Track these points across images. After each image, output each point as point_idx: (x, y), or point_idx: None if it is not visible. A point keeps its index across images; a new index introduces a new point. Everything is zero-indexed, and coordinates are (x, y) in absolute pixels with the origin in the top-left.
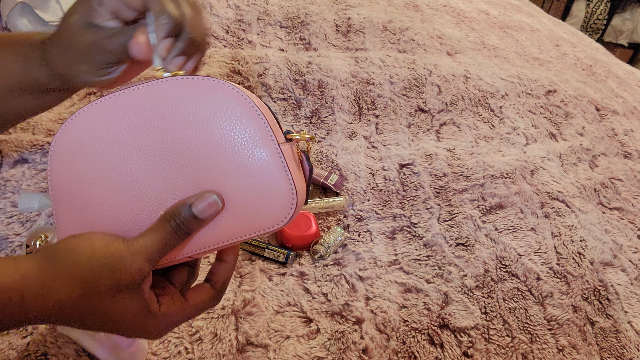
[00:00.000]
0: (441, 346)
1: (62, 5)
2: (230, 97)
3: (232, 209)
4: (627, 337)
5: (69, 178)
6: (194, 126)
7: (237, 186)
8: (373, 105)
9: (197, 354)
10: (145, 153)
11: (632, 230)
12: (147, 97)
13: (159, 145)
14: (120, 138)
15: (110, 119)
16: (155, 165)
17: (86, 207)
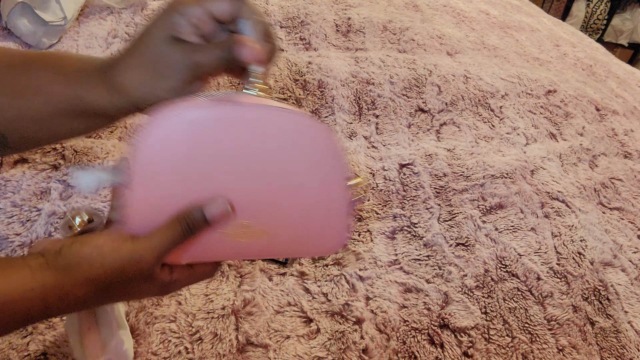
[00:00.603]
0: (441, 346)
1: (62, 5)
2: (325, 138)
3: (288, 232)
4: (627, 337)
5: (160, 166)
6: (285, 158)
7: (303, 214)
8: (373, 105)
9: (197, 354)
10: (237, 168)
11: (632, 230)
12: (253, 117)
13: (250, 164)
14: (219, 147)
15: (217, 127)
16: (242, 181)
17: (167, 199)
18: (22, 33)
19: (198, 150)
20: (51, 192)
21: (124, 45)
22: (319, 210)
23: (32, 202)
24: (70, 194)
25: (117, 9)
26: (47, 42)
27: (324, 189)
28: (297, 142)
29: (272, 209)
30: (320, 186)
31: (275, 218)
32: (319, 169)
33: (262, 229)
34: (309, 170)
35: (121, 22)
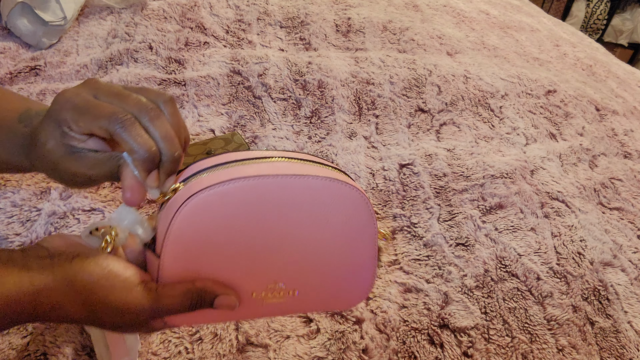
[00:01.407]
0: (441, 346)
1: (62, 5)
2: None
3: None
4: (627, 337)
5: (191, 236)
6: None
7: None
8: (373, 105)
9: (198, 354)
10: (268, 236)
11: (631, 230)
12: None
13: (283, 232)
14: (252, 221)
15: (249, 202)
16: (273, 249)
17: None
18: (22, 33)
19: (230, 224)
20: (51, 192)
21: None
22: (348, 269)
23: (32, 202)
24: (70, 194)
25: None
26: (47, 42)
27: (354, 250)
28: (331, 208)
29: (303, 270)
30: (351, 248)
31: (306, 278)
32: (350, 232)
33: (293, 288)
34: (340, 234)
35: (121, 22)
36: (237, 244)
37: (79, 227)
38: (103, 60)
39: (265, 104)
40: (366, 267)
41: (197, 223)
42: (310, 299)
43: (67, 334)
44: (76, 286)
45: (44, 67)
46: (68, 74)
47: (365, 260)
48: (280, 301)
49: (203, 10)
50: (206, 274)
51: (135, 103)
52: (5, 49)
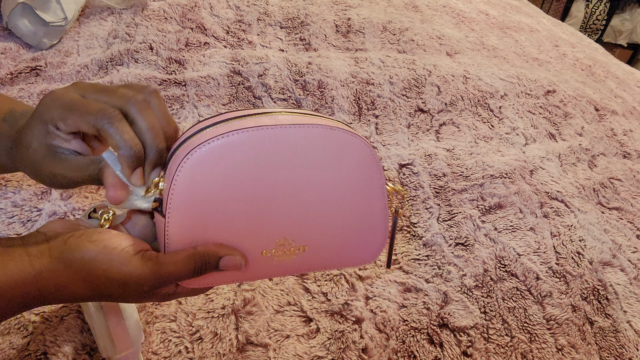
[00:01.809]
0: (440, 345)
1: (63, 5)
2: (363, 151)
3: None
4: (626, 336)
5: (195, 191)
6: (324, 174)
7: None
8: (373, 106)
9: (198, 353)
10: (273, 189)
11: (631, 230)
12: (284, 139)
13: (288, 184)
14: (255, 171)
15: (250, 153)
16: (280, 202)
17: (203, 225)
18: (22, 33)
19: (233, 177)
20: (52, 192)
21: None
22: (358, 221)
23: (33, 202)
24: (71, 194)
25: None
26: (48, 43)
27: (363, 201)
28: (334, 157)
29: (312, 224)
30: (359, 198)
31: (315, 233)
32: (357, 181)
33: (303, 244)
34: (347, 183)
35: (121, 22)
36: (241, 198)
37: None
38: (104, 60)
39: (266, 104)
40: (377, 219)
41: (199, 177)
42: (321, 255)
43: (67, 333)
44: (74, 265)
45: (45, 68)
46: (69, 74)
47: (376, 211)
48: (291, 258)
49: (203, 11)
50: (213, 231)
51: (122, 96)
52: (6, 49)
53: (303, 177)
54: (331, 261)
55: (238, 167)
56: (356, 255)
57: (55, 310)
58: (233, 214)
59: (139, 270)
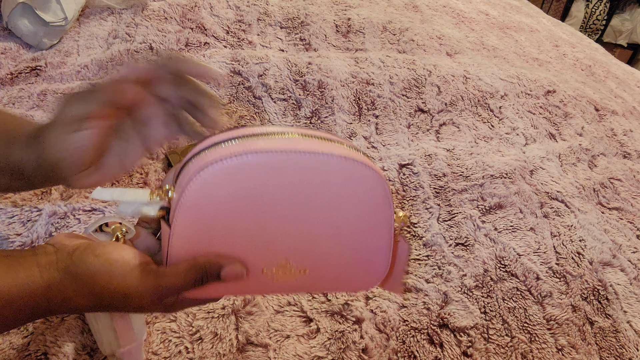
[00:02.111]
0: (441, 346)
1: (63, 5)
2: (375, 184)
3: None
4: (626, 336)
5: (203, 206)
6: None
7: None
8: (373, 106)
9: (198, 354)
10: (280, 212)
11: (631, 230)
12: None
13: (295, 209)
14: (262, 192)
15: (263, 176)
16: (285, 225)
17: (208, 239)
18: (22, 33)
19: (243, 197)
20: (52, 192)
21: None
22: (362, 251)
23: (33, 202)
24: (71, 194)
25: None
26: (48, 43)
27: (368, 232)
28: (346, 188)
29: (315, 250)
30: (365, 230)
31: (317, 258)
32: (365, 214)
33: (303, 267)
34: (355, 215)
35: (122, 22)
36: (247, 218)
37: (80, 227)
38: (104, 60)
39: (266, 104)
40: (381, 251)
41: (209, 193)
42: (321, 279)
43: (68, 333)
44: (80, 278)
45: (45, 68)
46: (69, 74)
47: (380, 244)
48: (291, 279)
49: (203, 11)
50: (217, 245)
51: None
52: (6, 49)
53: (310, 204)
54: (330, 285)
55: (249, 188)
56: (356, 282)
57: None
58: (238, 231)
59: (139, 282)
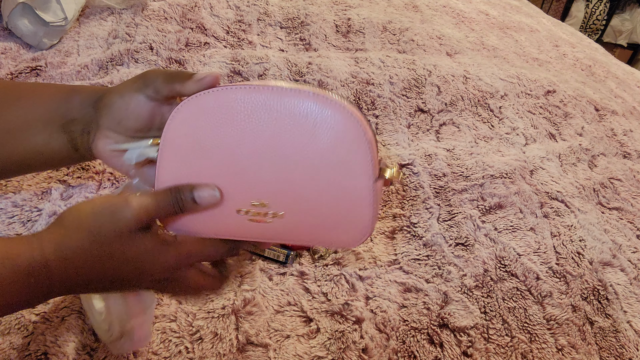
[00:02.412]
0: (441, 346)
1: (63, 5)
2: (349, 125)
3: (310, 218)
4: (626, 336)
5: (182, 138)
6: (308, 140)
7: (323, 203)
8: (373, 106)
9: (198, 354)
10: (258, 144)
11: (631, 230)
12: (275, 99)
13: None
14: (243, 125)
15: (240, 107)
16: (260, 164)
17: (187, 170)
18: (22, 33)
19: (217, 130)
20: (52, 192)
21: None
22: (343, 200)
23: (33, 202)
24: (71, 194)
25: (117, 9)
26: (48, 43)
27: (349, 180)
28: (324, 129)
29: (291, 191)
30: (345, 176)
31: (293, 201)
32: (345, 158)
33: (279, 210)
34: (334, 158)
35: (122, 22)
36: (224, 153)
37: None
38: (104, 60)
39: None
40: (364, 202)
41: (188, 125)
42: (299, 226)
43: (68, 333)
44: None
45: (45, 68)
46: (69, 74)
47: (363, 194)
48: (266, 223)
49: (203, 11)
50: (195, 177)
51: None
52: (6, 49)
53: (284, 140)
54: (309, 235)
55: (223, 122)
56: (337, 234)
57: (56, 311)
58: (214, 167)
59: (119, 201)
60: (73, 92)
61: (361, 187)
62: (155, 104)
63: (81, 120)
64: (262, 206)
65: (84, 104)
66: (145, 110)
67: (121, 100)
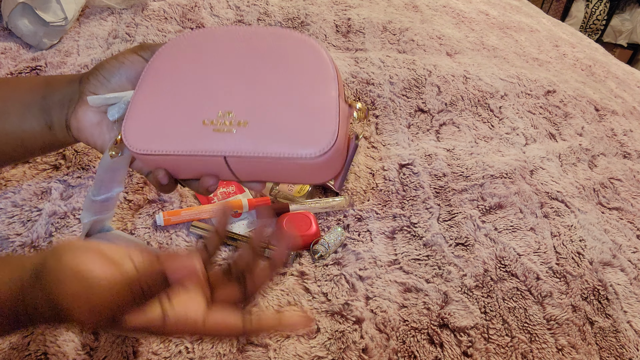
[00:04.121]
0: (441, 346)
1: (63, 5)
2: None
3: (274, 129)
4: (627, 336)
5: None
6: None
7: (286, 112)
8: (373, 106)
9: (198, 354)
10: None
11: (631, 230)
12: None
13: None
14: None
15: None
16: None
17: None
18: (22, 33)
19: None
20: (52, 192)
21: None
22: (306, 111)
23: (33, 202)
24: (71, 193)
25: (117, 9)
26: (48, 43)
27: (311, 90)
28: (290, 45)
29: (256, 100)
30: (310, 89)
31: (258, 109)
32: (310, 73)
33: (243, 119)
34: (299, 71)
35: (122, 22)
36: (194, 69)
37: (80, 227)
38: None
39: None
40: (327, 115)
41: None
42: (262, 136)
43: (68, 333)
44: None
45: (45, 68)
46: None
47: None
48: (230, 132)
49: (203, 11)
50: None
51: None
52: (6, 49)
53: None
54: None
55: (197, 44)
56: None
57: None
58: (184, 83)
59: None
60: (58, 76)
61: (325, 99)
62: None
63: (61, 93)
64: (227, 116)
65: (70, 80)
66: (136, 70)
67: (114, 60)
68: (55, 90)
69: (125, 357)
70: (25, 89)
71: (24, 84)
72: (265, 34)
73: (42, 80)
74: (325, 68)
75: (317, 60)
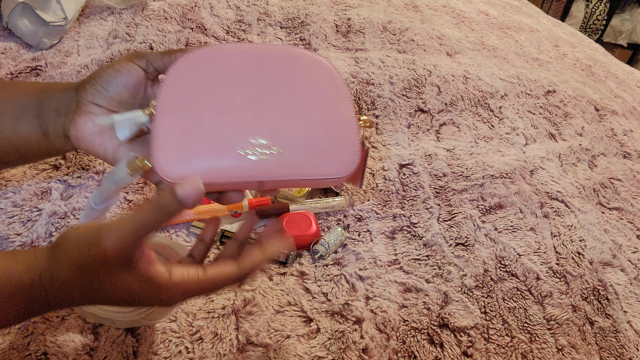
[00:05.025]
0: (441, 346)
1: (63, 5)
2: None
3: (303, 150)
4: (627, 336)
5: (179, 93)
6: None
7: (315, 134)
8: (373, 106)
9: (198, 354)
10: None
11: (631, 230)
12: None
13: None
14: (235, 70)
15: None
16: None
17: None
18: (22, 33)
19: (214, 79)
20: (52, 192)
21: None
22: (328, 131)
23: (33, 202)
24: (71, 194)
25: (117, 9)
26: (48, 43)
27: (333, 110)
28: (305, 68)
29: (285, 125)
30: (332, 109)
31: (289, 134)
32: (326, 92)
33: (276, 145)
34: (319, 93)
35: (122, 22)
36: (218, 98)
37: None
38: (104, 60)
39: None
40: (348, 133)
41: (181, 81)
42: (294, 160)
43: (68, 333)
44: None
45: (45, 68)
46: (69, 74)
47: (346, 126)
48: (266, 158)
49: (203, 11)
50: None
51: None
52: (6, 49)
53: (276, 82)
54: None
55: (216, 67)
56: (329, 165)
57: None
58: (210, 113)
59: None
60: (54, 83)
61: (347, 117)
62: (144, 75)
63: (57, 101)
64: (259, 140)
65: (66, 88)
66: (134, 79)
67: (111, 69)
68: (52, 97)
69: (125, 357)
70: (20, 93)
71: (20, 88)
72: (276, 54)
73: (38, 85)
74: (339, 87)
75: (331, 79)
